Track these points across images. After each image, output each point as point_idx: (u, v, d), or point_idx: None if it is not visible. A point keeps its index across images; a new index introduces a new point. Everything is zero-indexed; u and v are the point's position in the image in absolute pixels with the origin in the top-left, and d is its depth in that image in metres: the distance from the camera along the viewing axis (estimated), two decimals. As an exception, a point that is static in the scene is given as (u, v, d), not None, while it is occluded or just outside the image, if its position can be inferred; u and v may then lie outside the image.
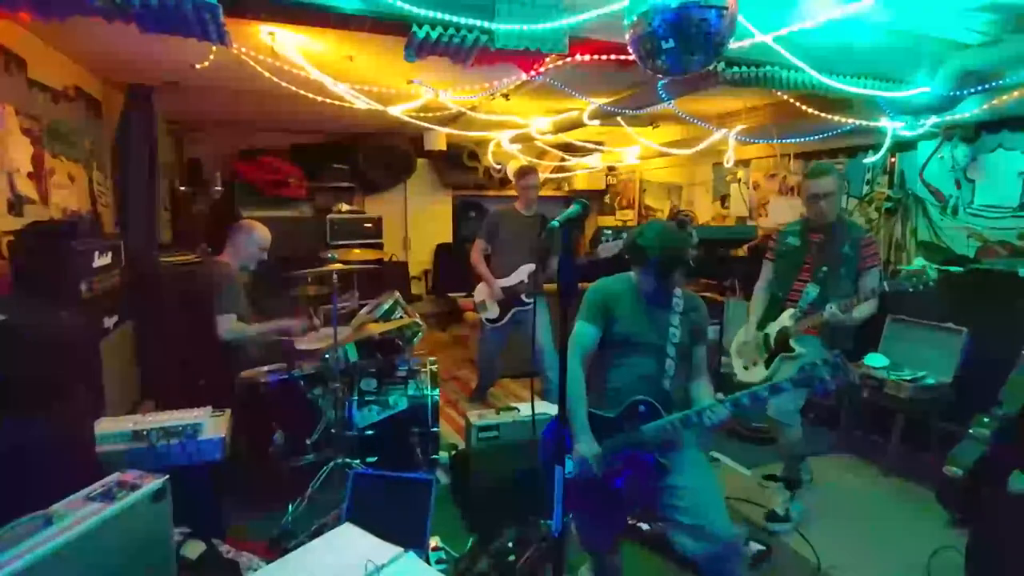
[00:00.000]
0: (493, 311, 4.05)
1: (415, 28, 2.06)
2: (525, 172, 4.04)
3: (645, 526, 2.61)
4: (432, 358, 3.41)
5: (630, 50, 1.99)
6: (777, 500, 2.91)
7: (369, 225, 6.49)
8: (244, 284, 3.30)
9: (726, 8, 1.79)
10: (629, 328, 1.96)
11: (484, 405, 4.19)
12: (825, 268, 2.80)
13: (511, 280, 4.01)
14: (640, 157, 6.58)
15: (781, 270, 3.02)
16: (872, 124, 3.63)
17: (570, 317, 1.75)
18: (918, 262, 3.97)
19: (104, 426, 2.30)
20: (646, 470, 1.89)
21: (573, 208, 1.56)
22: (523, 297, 3.94)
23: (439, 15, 2.05)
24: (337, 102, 3.47)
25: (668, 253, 1.91)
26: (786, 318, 2.90)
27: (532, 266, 3.95)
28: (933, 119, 3.51)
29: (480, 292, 4.12)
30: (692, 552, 1.84)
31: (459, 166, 6.97)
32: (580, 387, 1.91)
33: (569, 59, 2.57)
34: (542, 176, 7.22)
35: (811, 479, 3.24)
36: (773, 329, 2.95)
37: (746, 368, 3.12)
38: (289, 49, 2.77)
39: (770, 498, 2.95)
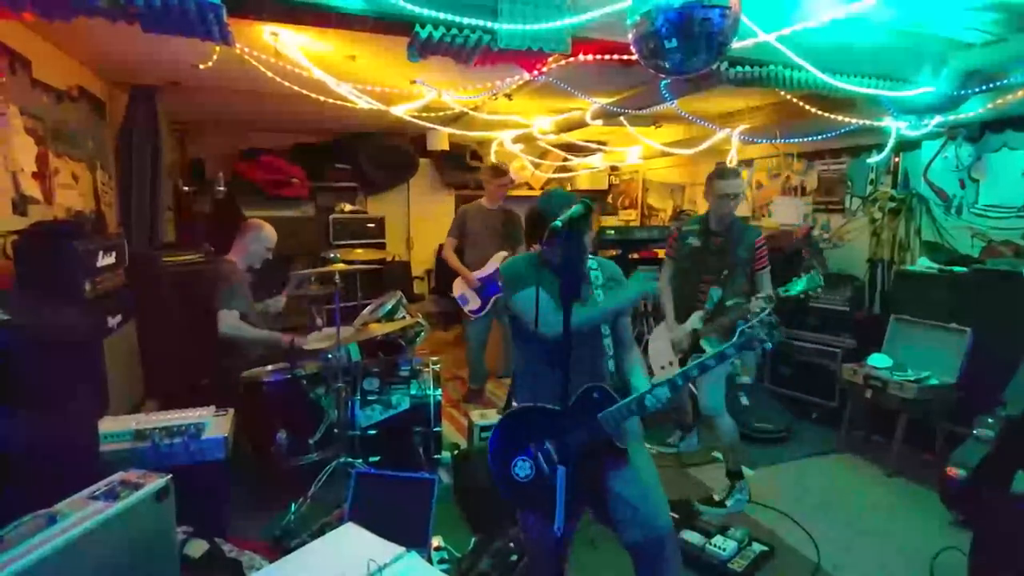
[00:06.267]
0: (474, 302, 4.18)
1: (418, 28, 2.06)
2: (502, 172, 4.31)
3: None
4: (434, 358, 3.42)
5: (633, 50, 1.99)
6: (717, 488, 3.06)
7: (371, 225, 6.48)
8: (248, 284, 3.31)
9: (729, 8, 1.78)
10: None
11: (484, 404, 4.18)
12: (726, 272, 2.91)
13: (487, 269, 4.17)
14: (643, 157, 6.57)
15: (683, 271, 3.10)
16: (876, 124, 3.62)
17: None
18: (922, 261, 3.97)
19: (107, 425, 2.30)
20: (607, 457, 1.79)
21: (576, 208, 1.53)
22: (499, 283, 4.01)
23: (442, 15, 2.05)
24: (339, 102, 3.47)
25: (569, 217, 1.63)
26: (695, 320, 2.96)
27: (504, 253, 4.13)
28: (937, 119, 3.50)
29: (457, 287, 4.26)
30: (629, 540, 1.78)
31: (461, 166, 6.96)
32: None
33: (572, 59, 2.56)
34: (544, 176, 7.27)
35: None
36: (682, 332, 3.01)
37: (663, 368, 3.16)
38: (292, 49, 2.77)
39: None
